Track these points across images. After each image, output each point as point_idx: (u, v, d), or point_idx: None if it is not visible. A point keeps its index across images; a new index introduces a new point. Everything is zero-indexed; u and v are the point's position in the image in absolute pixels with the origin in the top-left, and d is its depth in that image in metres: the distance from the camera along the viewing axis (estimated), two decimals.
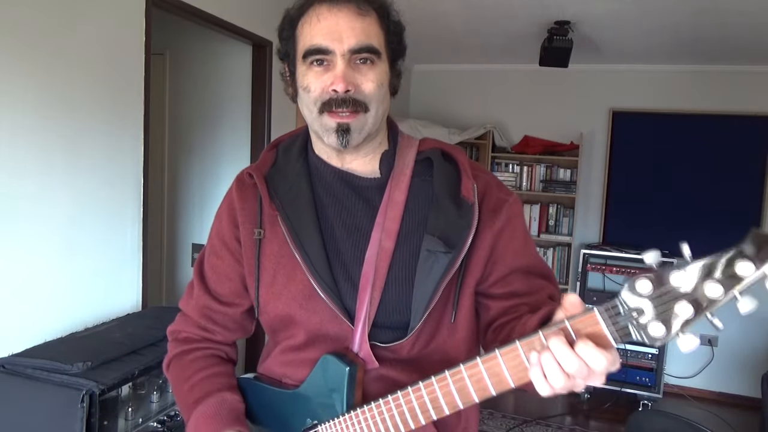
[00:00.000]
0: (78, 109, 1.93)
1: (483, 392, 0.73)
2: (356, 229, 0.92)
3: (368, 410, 0.83)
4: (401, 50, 0.94)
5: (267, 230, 0.94)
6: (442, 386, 0.76)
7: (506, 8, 3.14)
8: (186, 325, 1.04)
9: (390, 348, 0.89)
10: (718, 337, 4.23)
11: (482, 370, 0.72)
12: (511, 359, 0.70)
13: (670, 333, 0.62)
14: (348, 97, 0.85)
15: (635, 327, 0.63)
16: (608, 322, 0.64)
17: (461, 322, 0.92)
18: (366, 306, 0.87)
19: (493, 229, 0.90)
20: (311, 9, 0.87)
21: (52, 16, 1.81)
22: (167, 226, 3.46)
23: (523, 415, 3.73)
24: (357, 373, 0.87)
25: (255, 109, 3.07)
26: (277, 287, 0.93)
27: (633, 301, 0.63)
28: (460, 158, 0.95)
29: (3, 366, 1.57)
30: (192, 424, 0.95)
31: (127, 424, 1.65)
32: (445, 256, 0.86)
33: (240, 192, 0.98)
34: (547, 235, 4.50)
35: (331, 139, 0.88)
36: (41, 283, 1.84)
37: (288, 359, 0.96)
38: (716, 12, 2.97)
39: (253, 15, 2.81)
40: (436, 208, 0.90)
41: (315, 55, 0.86)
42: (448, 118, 4.74)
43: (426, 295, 0.86)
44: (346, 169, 0.95)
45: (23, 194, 1.76)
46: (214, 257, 1.01)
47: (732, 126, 4.13)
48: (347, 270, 0.90)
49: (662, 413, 2.58)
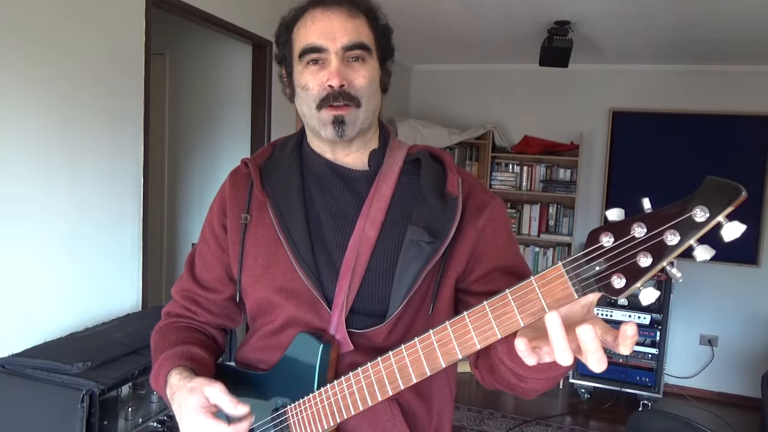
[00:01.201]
0: (78, 109, 1.93)
1: (450, 356, 0.75)
2: (342, 217, 0.96)
3: (337, 384, 0.85)
4: (390, 51, 1.00)
5: (254, 216, 0.99)
6: (411, 353, 0.78)
7: (506, 8, 3.14)
8: (173, 307, 1.09)
9: (366, 334, 0.91)
10: (718, 337, 4.23)
11: (450, 333, 0.75)
12: (478, 319, 0.72)
13: (630, 285, 0.62)
14: (343, 92, 0.90)
15: (597, 279, 0.64)
16: (571, 275, 0.65)
17: (439, 315, 0.94)
18: (345, 292, 0.90)
19: (476, 226, 0.94)
20: (306, 13, 0.94)
21: (53, 16, 1.81)
22: (167, 226, 3.46)
23: (523, 415, 3.73)
24: (331, 351, 0.88)
25: (255, 109, 3.07)
26: (258, 270, 0.96)
27: (594, 253, 0.64)
28: (447, 158, 1.00)
29: (3, 366, 1.57)
30: (154, 370, 0.97)
31: (127, 424, 1.65)
32: (429, 246, 0.89)
33: (233, 181, 1.05)
34: (547, 235, 4.50)
35: (328, 132, 0.92)
36: (41, 283, 1.84)
37: (264, 344, 0.99)
38: (716, 12, 2.97)
39: (253, 15, 2.82)
40: (422, 202, 0.94)
41: (311, 54, 0.92)
42: (448, 118, 4.74)
43: (406, 283, 0.89)
44: (338, 162, 0.99)
45: (23, 194, 1.76)
46: (203, 244, 1.06)
47: (732, 126, 4.14)
48: (330, 255, 0.94)
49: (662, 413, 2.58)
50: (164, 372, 0.94)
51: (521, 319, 0.69)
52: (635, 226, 0.61)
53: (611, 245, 0.63)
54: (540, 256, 4.52)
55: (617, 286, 0.63)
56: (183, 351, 0.97)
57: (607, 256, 0.63)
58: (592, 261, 0.64)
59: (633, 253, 0.62)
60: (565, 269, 0.66)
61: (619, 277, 0.62)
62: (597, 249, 0.64)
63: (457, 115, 4.75)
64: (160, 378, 0.95)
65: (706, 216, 0.58)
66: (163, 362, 0.96)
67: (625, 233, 0.62)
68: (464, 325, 0.73)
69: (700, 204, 0.58)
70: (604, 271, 0.63)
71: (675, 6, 2.92)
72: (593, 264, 0.64)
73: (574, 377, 4.11)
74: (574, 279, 0.65)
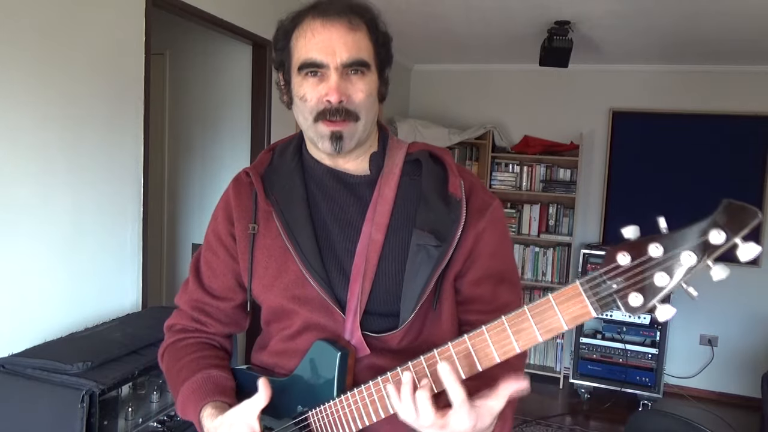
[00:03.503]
0: (78, 109, 1.93)
1: (470, 368, 0.76)
2: (348, 223, 0.96)
3: (358, 392, 0.85)
4: (388, 60, 1.00)
5: (261, 225, 0.98)
6: (430, 364, 0.79)
7: (506, 8, 3.14)
8: (180, 318, 1.08)
9: (381, 338, 0.92)
10: (718, 337, 4.23)
11: (469, 347, 0.76)
12: (497, 334, 0.74)
13: (647, 303, 0.64)
14: (341, 107, 0.90)
15: (614, 297, 0.66)
16: (589, 293, 0.67)
17: (445, 313, 0.96)
18: (357, 295, 0.91)
19: (476, 228, 0.95)
20: (305, 22, 0.93)
21: (53, 16, 1.81)
22: (167, 226, 3.46)
23: (523, 415, 3.73)
24: (348, 358, 0.90)
25: (255, 108, 3.07)
26: (268, 279, 0.97)
27: (612, 272, 0.66)
28: (447, 159, 1.00)
29: (3, 366, 1.57)
30: (180, 401, 0.98)
31: (127, 424, 1.65)
32: (436, 250, 0.90)
33: (236, 190, 1.03)
34: (547, 235, 4.50)
35: (325, 146, 0.93)
36: (41, 283, 1.84)
37: (280, 349, 1.00)
38: (716, 12, 2.97)
39: (253, 15, 2.82)
40: (425, 204, 0.95)
41: (310, 68, 0.91)
42: (448, 118, 4.74)
43: (417, 289, 0.90)
44: (339, 168, 1.00)
45: (23, 194, 1.76)
46: (210, 253, 1.06)
47: (732, 126, 4.14)
48: (339, 261, 0.94)
49: (662, 413, 2.58)
50: (192, 408, 0.95)
51: (539, 335, 0.71)
52: (652, 246, 0.63)
53: (628, 264, 0.65)
54: (540, 256, 4.52)
55: (635, 304, 0.65)
56: (205, 380, 0.97)
57: (626, 275, 0.65)
58: (609, 279, 0.66)
59: (650, 273, 0.64)
60: (582, 288, 0.68)
61: (636, 295, 0.64)
62: (615, 268, 0.65)
63: (457, 115, 4.75)
64: (188, 412, 0.96)
65: (722, 238, 0.60)
66: (189, 396, 0.96)
67: (641, 253, 0.64)
68: (483, 339, 0.75)
69: (717, 226, 0.60)
70: (621, 289, 0.65)
71: (675, 6, 2.92)
72: (611, 282, 0.66)
73: (574, 377, 4.11)
74: (592, 297, 0.67)
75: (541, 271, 4.52)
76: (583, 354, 4.10)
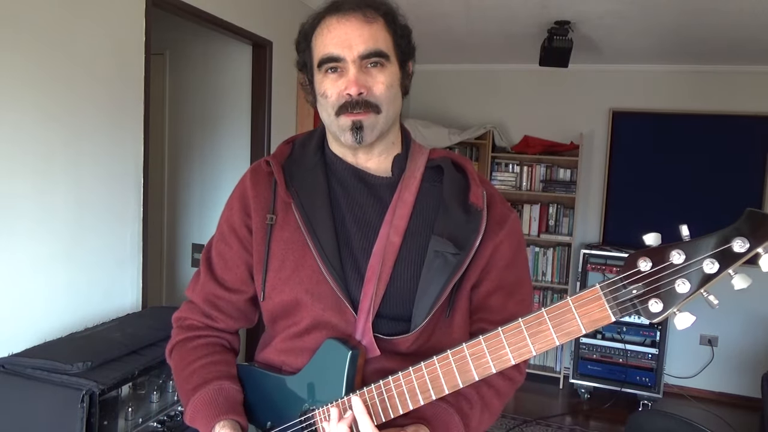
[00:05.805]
0: (78, 108, 1.93)
1: (484, 369, 0.77)
2: (366, 223, 0.96)
3: (367, 392, 0.85)
4: (410, 51, 1.00)
5: (279, 217, 0.98)
6: (443, 365, 0.79)
7: (506, 8, 3.14)
8: (190, 312, 1.06)
9: (391, 341, 0.92)
10: (718, 337, 4.23)
11: (484, 348, 0.76)
12: (513, 335, 0.75)
13: (667, 309, 0.64)
14: (361, 99, 0.91)
15: (634, 303, 0.66)
16: (609, 297, 0.68)
17: (457, 321, 0.96)
18: (371, 296, 0.91)
19: (495, 239, 0.95)
20: (322, 22, 0.95)
21: (53, 16, 1.81)
22: (167, 226, 3.46)
23: (523, 415, 3.73)
24: (358, 358, 0.89)
25: (255, 108, 3.07)
26: (285, 272, 0.96)
27: (633, 277, 0.66)
28: (469, 168, 1.01)
29: (3, 366, 1.57)
30: (189, 411, 0.97)
31: (127, 424, 1.65)
32: (454, 258, 0.90)
33: (254, 180, 1.02)
34: (547, 235, 4.50)
35: (346, 137, 0.93)
36: (41, 283, 1.84)
37: (288, 347, 0.99)
38: (716, 12, 2.97)
39: (253, 15, 2.82)
40: (445, 211, 0.95)
41: (329, 63, 0.92)
42: (448, 118, 4.74)
43: (432, 296, 0.90)
44: (360, 167, 1.00)
45: (23, 193, 1.76)
46: (222, 244, 1.04)
47: (732, 126, 4.13)
48: (356, 261, 0.94)
49: (662, 413, 2.58)
50: (203, 422, 0.94)
51: (557, 338, 0.72)
52: (674, 253, 0.64)
53: (649, 270, 0.65)
54: (540, 256, 4.52)
55: (654, 310, 0.65)
56: (217, 392, 0.96)
57: (647, 280, 0.65)
58: (630, 285, 0.66)
59: (671, 279, 0.64)
60: (602, 291, 0.68)
61: (656, 301, 0.65)
62: (635, 273, 0.66)
63: (457, 115, 4.75)
64: (198, 424, 0.96)
65: (746, 247, 0.61)
66: (201, 408, 0.95)
67: (663, 259, 0.64)
68: (499, 341, 0.76)
69: (740, 235, 0.61)
70: (642, 294, 0.66)
71: (675, 6, 2.92)
72: (631, 288, 0.66)
73: (574, 377, 4.11)
74: (612, 302, 0.68)
75: (541, 271, 4.52)
76: (583, 354, 4.10)
